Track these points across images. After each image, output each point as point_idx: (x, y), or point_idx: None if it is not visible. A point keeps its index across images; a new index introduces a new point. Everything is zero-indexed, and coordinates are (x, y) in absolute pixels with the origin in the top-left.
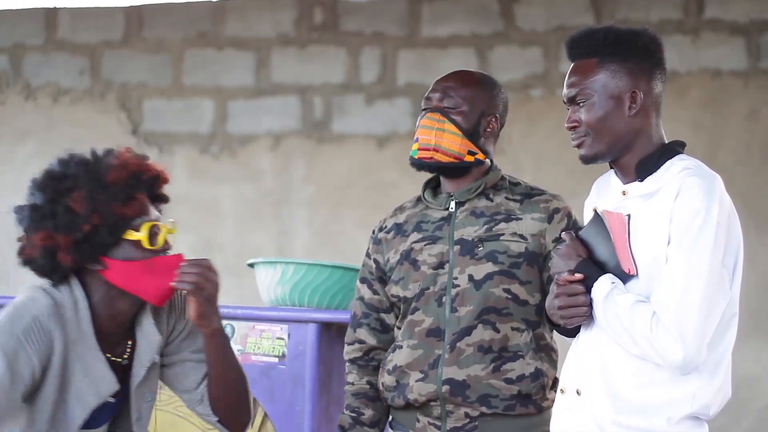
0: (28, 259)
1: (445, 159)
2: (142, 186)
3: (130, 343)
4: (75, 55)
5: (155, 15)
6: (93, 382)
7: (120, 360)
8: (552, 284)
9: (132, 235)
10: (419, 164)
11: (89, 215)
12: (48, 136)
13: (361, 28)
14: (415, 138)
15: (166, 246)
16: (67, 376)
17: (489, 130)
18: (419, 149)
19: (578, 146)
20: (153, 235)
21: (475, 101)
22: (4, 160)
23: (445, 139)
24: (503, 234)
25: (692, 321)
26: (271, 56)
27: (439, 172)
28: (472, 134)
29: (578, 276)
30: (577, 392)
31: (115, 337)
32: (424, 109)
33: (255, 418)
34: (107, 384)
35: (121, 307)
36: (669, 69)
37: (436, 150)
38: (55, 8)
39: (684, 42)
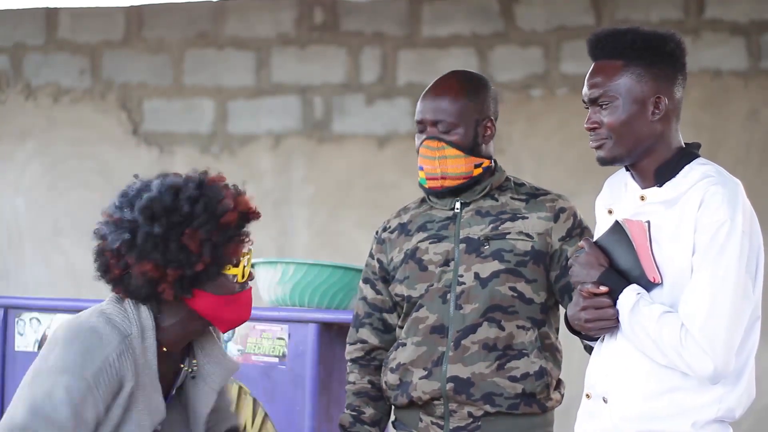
0: (116, 279)
1: (455, 183)
2: (246, 226)
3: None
4: (75, 55)
5: (155, 15)
6: (150, 413)
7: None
8: (575, 295)
9: (231, 270)
10: (432, 193)
11: (202, 254)
12: (48, 136)
13: (361, 28)
14: (419, 166)
15: (251, 276)
16: (130, 407)
17: (488, 134)
18: (427, 179)
19: (597, 148)
20: (243, 267)
21: (468, 114)
22: (4, 159)
23: (450, 164)
24: (509, 232)
25: (721, 333)
26: (271, 56)
27: (452, 193)
28: (473, 148)
29: (603, 289)
30: (604, 400)
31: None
32: (420, 132)
33: (255, 418)
34: (159, 414)
35: (192, 331)
36: None
37: (443, 178)
38: (55, 8)
39: (684, 42)
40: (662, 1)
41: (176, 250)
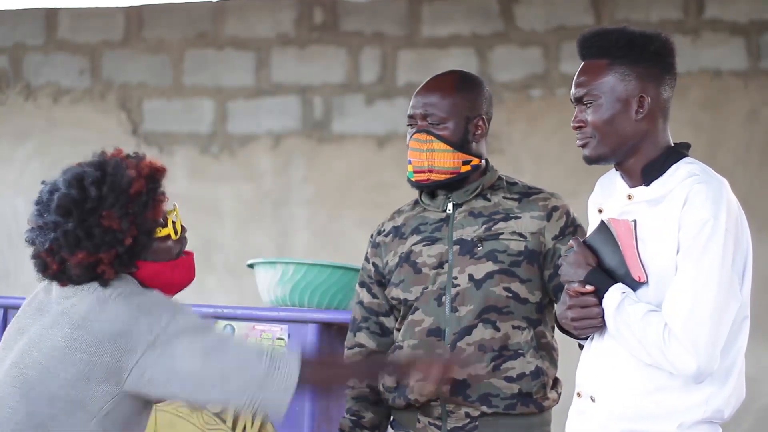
0: (56, 272)
1: (441, 177)
2: (157, 187)
3: None
4: (75, 55)
5: (155, 15)
6: None
7: None
8: (563, 294)
9: (161, 232)
10: (418, 186)
11: (127, 229)
12: (48, 136)
13: (361, 28)
14: (408, 159)
15: (184, 230)
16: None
17: (478, 132)
18: (414, 172)
19: (583, 146)
20: (173, 224)
21: (458, 110)
22: (4, 160)
23: (437, 158)
24: (502, 233)
25: (704, 331)
26: (271, 56)
27: (440, 189)
28: (462, 144)
29: (589, 288)
30: (592, 399)
31: None
32: (409, 125)
33: (255, 418)
34: None
35: None
36: None
37: (430, 171)
38: (55, 8)
39: (684, 42)
40: (662, 1)
41: (101, 234)
